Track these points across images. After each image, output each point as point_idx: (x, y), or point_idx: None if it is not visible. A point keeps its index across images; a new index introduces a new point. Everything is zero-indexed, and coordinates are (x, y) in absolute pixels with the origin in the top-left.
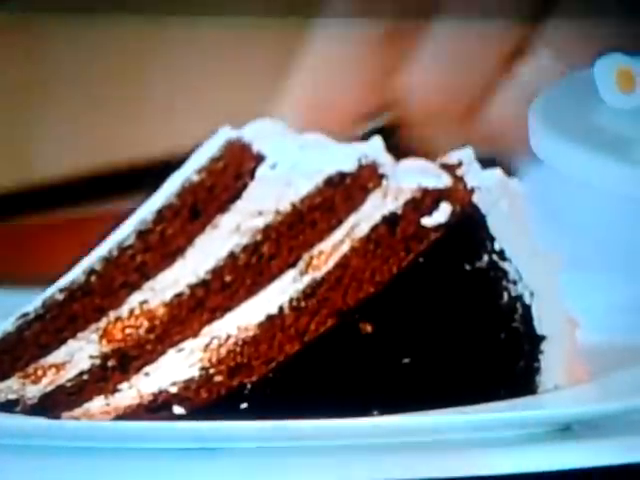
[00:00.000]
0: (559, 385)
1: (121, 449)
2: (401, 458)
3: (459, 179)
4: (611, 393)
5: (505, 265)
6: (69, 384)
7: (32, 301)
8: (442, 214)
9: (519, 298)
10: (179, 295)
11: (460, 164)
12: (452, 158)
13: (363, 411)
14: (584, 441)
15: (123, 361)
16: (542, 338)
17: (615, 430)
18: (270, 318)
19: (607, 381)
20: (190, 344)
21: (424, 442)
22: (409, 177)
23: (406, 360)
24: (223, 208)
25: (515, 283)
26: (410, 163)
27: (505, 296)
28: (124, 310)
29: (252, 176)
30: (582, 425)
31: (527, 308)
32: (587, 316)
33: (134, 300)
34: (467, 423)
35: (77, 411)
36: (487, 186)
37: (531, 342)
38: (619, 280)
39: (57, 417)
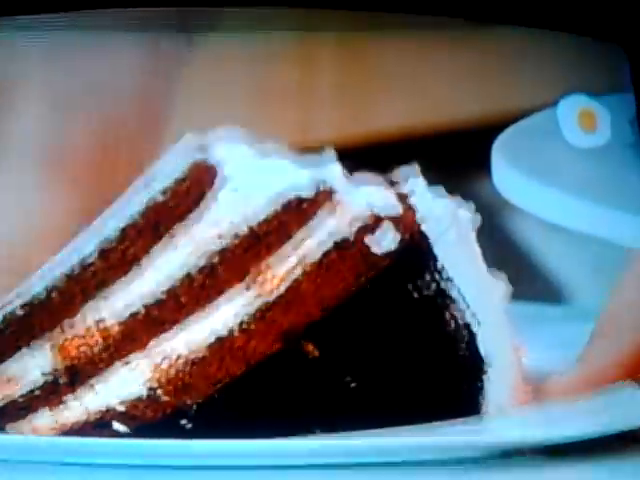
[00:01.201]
0: (502, 411)
1: (65, 464)
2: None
3: (410, 207)
4: (553, 420)
5: (453, 293)
6: (21, 399)
7: None
8: (392, 242)
9: (466, 326)
10: (135, 314)
11: (412, 193)
12: (404, 187)
13: (305, 432)
14: (525, 466)
15: (74, 378)
16: (487, 365)
17: (556, 456)
18: (220, 340)
19: (550, 408)
20: (140, 362)
21: (364, 463)
22: (362, 203)
23: (353, 384)
24: (184, 229)
25: (462, 311)
26: (364, 190)
27: (452, 323)
28: (81, 327)
29: (214, 198)
30: (524, 450)
31: (473, 335)
32: (532, 345)
33: (91, 317)
34: (406, 445)
35: (23, 425)
36: (437, 215)
37: (476, 369)
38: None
39: (1, 429)
